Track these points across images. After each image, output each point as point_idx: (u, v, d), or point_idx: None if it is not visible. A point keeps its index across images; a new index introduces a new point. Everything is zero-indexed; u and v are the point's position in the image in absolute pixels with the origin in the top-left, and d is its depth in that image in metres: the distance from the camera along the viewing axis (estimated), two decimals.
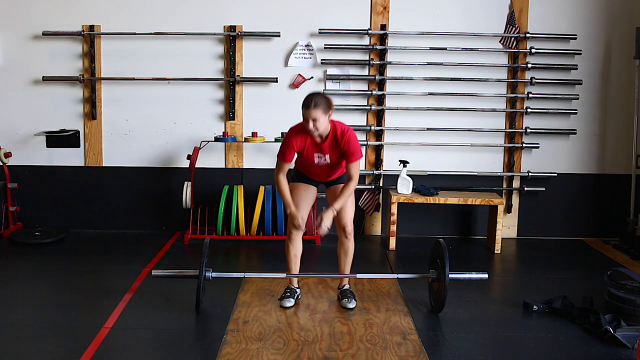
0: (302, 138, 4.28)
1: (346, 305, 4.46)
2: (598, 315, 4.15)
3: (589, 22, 6.29)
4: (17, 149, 6.33)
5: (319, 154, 4.31)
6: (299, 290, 4.61)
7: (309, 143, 4.28)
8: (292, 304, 4.49)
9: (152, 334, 4.06)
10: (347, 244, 4.50)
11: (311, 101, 4.10)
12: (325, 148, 4.28)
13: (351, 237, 4.48)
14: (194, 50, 6.26)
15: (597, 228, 6.52)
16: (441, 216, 6.49)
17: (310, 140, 4.27)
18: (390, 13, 6.23)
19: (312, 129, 4.14)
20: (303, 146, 4.30)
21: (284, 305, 4.46)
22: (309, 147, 4.29)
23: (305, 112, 4.12)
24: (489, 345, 4.04)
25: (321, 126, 4.15)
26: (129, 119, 6.35)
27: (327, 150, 4.29)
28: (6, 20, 6.23)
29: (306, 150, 4.30)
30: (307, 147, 4.29)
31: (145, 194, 6.47)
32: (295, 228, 4.38)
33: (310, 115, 4.10)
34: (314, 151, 4.30)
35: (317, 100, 4.10)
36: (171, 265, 5.34)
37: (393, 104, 6.32)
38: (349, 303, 4.47)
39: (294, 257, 4.50)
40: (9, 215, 6.19)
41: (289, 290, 4.55)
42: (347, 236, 4.46)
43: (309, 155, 4.32)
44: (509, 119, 6.36)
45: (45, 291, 4.84)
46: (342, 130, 4.25)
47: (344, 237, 4.48)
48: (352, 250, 4.53)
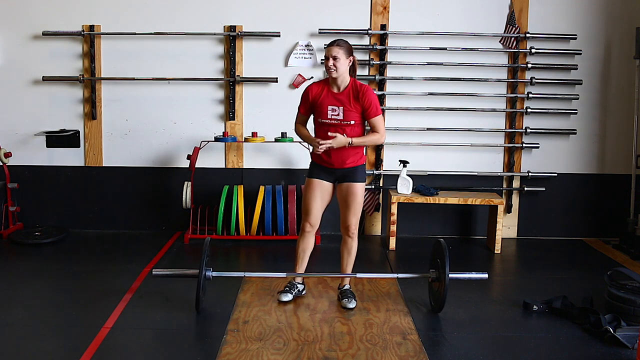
0: (320, 87, 4.32)
1: (346, 305, 4.46)
2: (598, 315, 4.15)
3: (589, 22, 6.29)
4: (17, 149, 6.33)
5: (333, 107, 4.24)
6: (301, 286, 4.63)
7: (325, 92, 4.29)
8: (289, 299, 4.51)
9: (152, 334, 4.07)
10: (350, 243, 4.49)
11: (335, 40, 4.24)
12: (341, 99, 4.24)
13: (354, 237, 4.48)
14: (194, 50, 6.26)
15: (597, 228, 6.52)
16: (441, 216, 6.49)
17: (327, 90, 4.28)
18: (390, 13, 6.23)
19: (332, 67, 4.18)
20: (319, 95, 4.29)
21: (280, 300, 4.49)
22: (325, 96, 4.27)
23: (328, 49, 4.21)
24: (489, 345, 4.04)
25: (340, 67, 4.19)
26: (129, 119, 6.35)
27: (343, 102, 4.23)
28: (6, 20, 6.23)
29: (321, 100, 4.27)
30: (322, 96, 4.28)
31: (145, 194, 6.47)
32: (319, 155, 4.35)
33: (331, 52, 4.17)
34: (329, 103, 4.26)
35: (341, 41, 4.24)
36: (171, 265, 5.34)
37: (393, 104, 6.32)
38: (349, 303, 4.46)
39: (302, 252, 4.52)
40: (9, 215, 6.19)
41: (289, 284, 4.58)
42: (350, 235, 4.46)
43: (323, 107, 4.26)
44: (509, 119, 6.36)
45: (45, 291, 4.84)
46: (361, 84, 4.27)
47: (347, 236, 4.48)
48: (354, 250, 4.53)
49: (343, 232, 4.50)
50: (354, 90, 4.25)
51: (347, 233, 4.47)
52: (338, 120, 4.25)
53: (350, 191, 4.39)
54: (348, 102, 4.24)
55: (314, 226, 4.47)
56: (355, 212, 4.43)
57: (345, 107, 4.24)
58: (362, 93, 4.23)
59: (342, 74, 4.23)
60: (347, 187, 4.40)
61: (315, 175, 4.44)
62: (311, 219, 4.45)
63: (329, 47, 4.22)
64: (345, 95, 4.25)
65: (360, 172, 4.42)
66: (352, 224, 4.43)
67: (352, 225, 4.43)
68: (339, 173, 4.41)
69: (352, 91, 4.25)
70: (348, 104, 4.24)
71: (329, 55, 4.20)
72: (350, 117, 4.24)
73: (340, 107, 4.24)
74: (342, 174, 4.40)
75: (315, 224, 4.47)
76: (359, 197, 4.41)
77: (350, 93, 4.25)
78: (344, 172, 4.39)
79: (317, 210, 4.45)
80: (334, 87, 4.28)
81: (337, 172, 4.41)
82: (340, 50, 4.20)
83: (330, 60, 4.19)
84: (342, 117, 4.25)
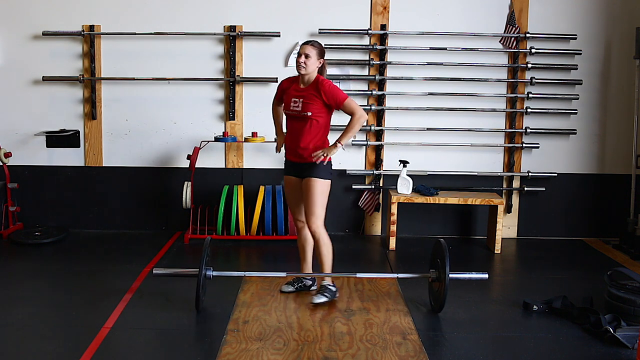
0: (290, 81, 4.56)
1: (313, 299, 4.47)
2: (598, 315, 4.15)
3: (589, 22, 6.29)
4: (17, 149, 6.33)
5: (295, 98, 4.43)
6: (310, 281, 4.72)
7: (293, 87, 4.50)
8: (290, 290, 4.68)
9: (152, 334, 4.07)
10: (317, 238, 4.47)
11: (310, 40, 4.46)
12: (303, 93, 4.42)
13: (317, 232, 4.45)
14: (194, 50, 6.26)
15: (597, 228, 6.52)
16: (441, 216, 6.49)
17: (295, 85, 4.49)
18: (390, 13, 6.23)
19: (302, 64, 4.36)
20: (288, 87, 4.52)
21: (282, 290, 4.67)
22: (292, 90, 4.49)
23: (302, 46, 4.40)
24: (489, 345, 4.04)
25: (310, 66, 4.37)
26: (129, 119, 6.35)
27: (304, 96, 4.41)
28: (6, 20, 6.23)
29: (288, 92, 4.50)
30: (290, 89, 4.50)
31: (145, 194, 6.46)
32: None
33: (304, 50, 4.37)
34: (292, 95, 4.46)
35: (315, 42, 4.44)
36: (171, 265, 5.34)
37: (393, 104, 6.32)
38: (316, 298, 4.48)
39: (302, 248, 4.69)
40: (9, 215, 6.19)
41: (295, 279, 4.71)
42: (313, 231, 4.47)
43: (288, 99, 4.48)
44: (509, 119, 6.36)
45: (45, 291, 4.84)
46: (321, 79, 4.42)
47: (310, 231, 4.51)
48: (325, 246, 4.48)
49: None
50: (314, 85, 4.41)
51: (309, 228, 4.51)
52: (297, 112, 4.43)
53: (307, 186, 4.44)
54: (308, 95, 4.40)
55: (302, 220, 4.58)
56: (311, 208, 4.42)
57: (305, 100, 4.40)
58: (320, 85, 4.39)
59: (310, 72, 4.41)
60: (305, 182, 4.47)
61: (286, 171, 4.62)
62: (296, 215, 4.63)
63: (304, 45, 4.41)
64: (307, 90, 4.43)
65: (321, 167, 4.43)
66: (309, 220, 4.44)
67: (310, 221, 4.44)
68: (302, 167, 4.50)
69: (313, 86, 4.42)
70: (307, 98, 4.40)
71: (302, 52, 4.40)
72: (307, 108, 4.39)
73: (300, 99, 4.42)
74: (303, 168, 4.49)
75: (303, 217, 4.56)
76: (316, 193, 4.41)
77: (311, 88, 4.42)
78: (304, 166, 4.48)
79: (297, 205, 4.58)
80: (301, 83, 4.48)
81: (301, 167, 4.50)
82: (314, 51, 4.39)
83: (302, 57, 4.38)
84: (301, 108, 4.41)
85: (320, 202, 4.43)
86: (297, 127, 4.45)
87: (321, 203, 4.44)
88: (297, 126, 4.45)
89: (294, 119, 4.47)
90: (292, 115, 4.47)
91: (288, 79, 4.62)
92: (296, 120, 4.45)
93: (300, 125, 4.42)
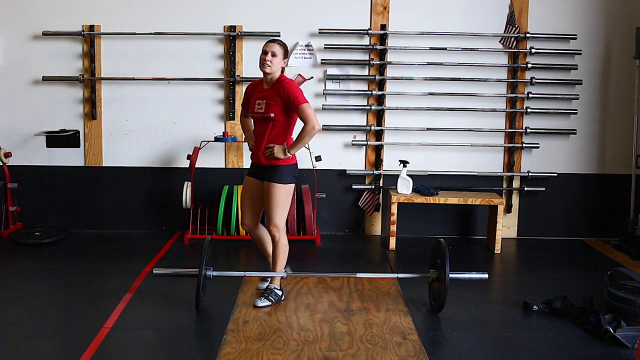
0: (254, 85, 4.55)
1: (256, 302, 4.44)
2: (598, 315, 4.15)
3: (589, 22, 6.29)
4: (17, 149, 6.33)
5: (259, 100, 4.40)
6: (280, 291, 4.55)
7: (257, 89, 4.47)
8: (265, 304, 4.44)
9: (152, 334, 4.07)
10: (274, 240, 4.44)
11: (276, 39, 4.42)
12: (266, 93, 4.39)
13: (276, 237, 4.41)
14: (194, 50, 6.26)
15: (597, 228, 6.52)
16: (441, 216, 6.49)
17: (259, 88, 4.46)
18: (390, 13, 6.23)
19: (267, 61, 4.31)
20: (252, 90, 4.51)
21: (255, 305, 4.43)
22: (256, 93, 4.46)
23: (268, 44, 4.36)
24: (489, 345, 4.04)
25: (274, 65, 4.33)
26: (129, 119, 6.35)
27: (266, 96, 4.37)
28: (6, 20, 6.23)
29: (254, 95, 4.47)
30: (255, 91, 4.48)
31: (145, 194, 6.46)
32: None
33: (269, 48, 4.33)
34: (256, 97, 4.43)
35: (282, 41, 4.41)
36: (171, 265, 5.33)
37: (393, 104, 6.32)
38: (259, 301, 4.44)
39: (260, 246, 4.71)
40: (9, 215, 6.19)
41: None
42: (272, 237, 4.45)
43: (252, 101, 4.46)
44: (509, 119, 6.36)
45: (45, 291, 4.83)
46: (283, 79, 4.39)
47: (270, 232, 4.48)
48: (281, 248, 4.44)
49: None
50: (276, 85, 4.37)
51: (269, 231, 4.47)
52: (260, 114, 4.39)
53: (267, 191, 4.41)
54: (270, 96, 4.36)
55: (248, 225, 4.57)
56: (271, 213, 4.39)
57: (267, 101, 4.36)
58: (281, 85, 4.34)
59: (275, 71, 4.38)
60: (266, 187, 4.43)
61: (249, 172, 4.59)
62: (244, 218, 4.57)
63: (270, 42, 4.37)
64: (270, 90, 4.39)
65: (281, 172, 4.39)
66: (270, 223, 4.40)
67: (271, 225, 4.40)
68: (263, 170, 4.47)
69: (275, 86, 4.38)
70: (270, 98, 4.36)
71: (267, 50, 4.34)
72: (270, 109, 4.35)
73: (263, 100, 4.38)
74: (264, 171, 4.46)
75: (250, 223, 4.55)
76: (276, 198, 4.37)
77: (273, 88, 4.38)
78: (265, 169, 4.45)
79: (250, 207, 4.53)
80: (265, 84, 4.46)
81: (262, 169, 4.47)
82: (280, 50, 4.36)
83: (269, 55, 4.34)
84: (264, 110, 4.37)
85: (280, 206, 4.38)
86: (261, 129, 4.43)
87: (281, 207, 4.39)
88: (261, 128, 4.42)
89: (258, 121, 4.45)
90: (256, 117, 4.44)
91: (252, 82, 4.61)
92: (260, 122, 4.43)
93: (264, 127, 4.39)
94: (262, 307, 4.41)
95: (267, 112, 4.34)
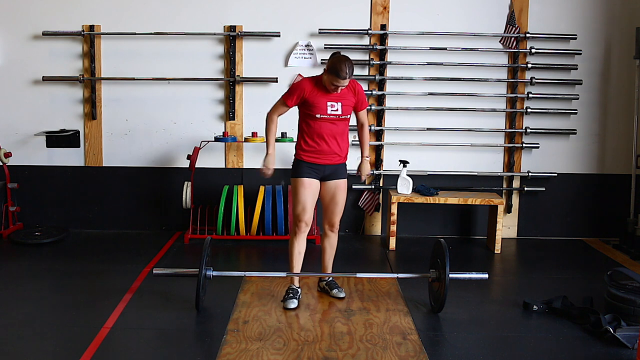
0: (314, 85, 4.35)
1: (337, 295, 4.58)
2: (598, 315, 4.15)
3: (589, 22, 6.29)
4: (17, 149, 6.33)
5: (332, 103, 4.33)
6: (300, 289, 4.61)
7: (322, 91, 4.33)
8: (296, 305, 4.46)
9: (152, 334, 4.06)
10: (334, 239, 4.66)
11: (346, 72, 4.17)
12: (341, 95, 4.33)
13: (337, 232, 4.64)
14: (194, 50, 6.26)
15: (597, 228, 6.52)
16: (441, 216, 6.49)
17: (323, 89, 4.33)
18: (390, 13, 6.24)
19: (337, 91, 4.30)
20: (316, 92, 4.32)
21: (288, 307, 4.42)
22: (321, 94, 4.32)
23: (337, 81, 4.20)
24: (489, 345, 4.03)
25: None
26: (129, 119, 6.36)
27: (342, 98, 4.34)
28: (6, 20, 6.23)
29: (319, 97, 4.31)
30: (319, 93, 4.32)
31: (145, 194, 6.47)
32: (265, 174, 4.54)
33: (340, 84, 4.23)
34: (327, 100, 4.32)
35: (350, 70, 4.19)
36: (171, 265, 5.33)
37: (393, 104, 6.32)
38: (340, 292, 4.59)
39: (298, 254, 4.50)
40: (9, 215, 6.19)
41: (291, 290, 4.53)
42: (334, 231, 4.62)
43: (321, 104, 4.31)
44: (509, 119, 6.36)
45: (45, 291, 4.83)
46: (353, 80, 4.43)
47: (331, 232, 4.62)
48: (336, 244, 4.68)
49: (327, 228, 4.62)
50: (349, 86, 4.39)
51: (331, 229, 4.61)
52: (336, 116, 4.38)
53: (340, 188, 4.52)
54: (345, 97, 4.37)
55: (309, 225, 4.51)
56: (341, 210, 4.59)
57: (344, 101, 4.37)
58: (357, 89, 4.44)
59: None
60: (335, 185, 4.49)
61: (306, 173, 4.46)
62: (308, 218, 4.46)
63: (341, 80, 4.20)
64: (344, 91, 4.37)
65: (345, 169, 4.59)
66: (337, 221, 4.59)
67: (337, 223, 4.59)
68: (327, 170, 4.47)
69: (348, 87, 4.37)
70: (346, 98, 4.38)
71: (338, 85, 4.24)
72: (347, 109, 4.39)
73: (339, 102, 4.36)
74: (330, 171, 4.48)
75: (310, 222, 4.53)
76: (345, 194, 4.57)
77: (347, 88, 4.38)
78: (331, 169, 4.48)
79: (312, 208, 4.49)
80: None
81: (325, 170, 4.47)
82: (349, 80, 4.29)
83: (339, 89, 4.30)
84: (341, 112, 4.38)
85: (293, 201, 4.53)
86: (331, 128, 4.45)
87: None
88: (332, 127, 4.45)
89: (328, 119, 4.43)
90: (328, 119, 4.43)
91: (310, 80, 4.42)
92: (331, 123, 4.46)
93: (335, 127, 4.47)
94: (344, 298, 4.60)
95: (344, 115, 4.38)
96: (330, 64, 4.21)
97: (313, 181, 4.46)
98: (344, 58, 4.21)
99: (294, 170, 4.49)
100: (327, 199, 4.53)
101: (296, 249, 4.49)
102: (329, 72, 4.21)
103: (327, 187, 4.51)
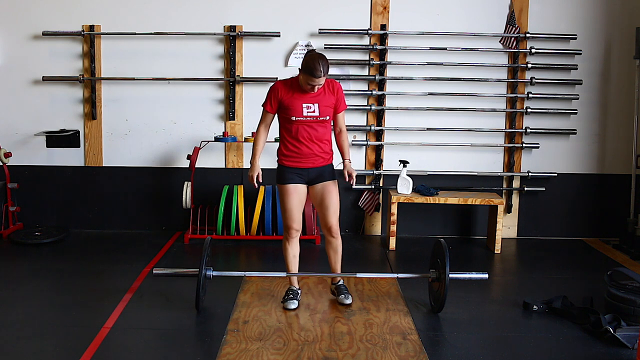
0: (289, 87, 4.29)
1: (344, 301, 4.49)
2: (598, 315, 4.15)
3: (589, 22, 6.29)
4: (17, 149, 6.33)
5: (308, 104, 4.24)
6: (299, 290, 4.61)
7: (297, 92, 4.25)
8: (296, 306, 4.45)
9: (152, 334, 4.07)
10: (335, 242, 4.50)
11: (320, 70, 4.08)
12: (317, 95, 4.24)
13: (338, 236, 4.48)
14: (194, 50, 6.26)
15: (597, 228, 6.52)
16: (441, 216, 6.49)
17: (298, 89, 4.25)
18: (390, 13, 6.24)
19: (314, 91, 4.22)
20: (290, 94, 4.25)
21: (288, 308, 4.42)
22: (297, 96, 4.24)
23: (311, 80, 4.11)
24: (489, 345, 4.03)
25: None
26: (129, 119, 6.36)
27: (319, 98, 4.25)
28: (6, 20, 6.23)
29: (294, 99, 4.23)
30: (294, 95, 4.24)
31: (145, 194, 6.47)
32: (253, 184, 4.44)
33: (316, 83, 4.13)
34: (302, 101, 4.23)
35: (325, 68, 4.10)
36: (171, 265, 5.33)
37: (393, 104, 6.32)
38: (346, 299, 4.50)
39: (293, 257, 4.49)
40: (9, 215, 6.19)
41: (291, 292, 4.53)
42: (334, 235, 4.47)
43: (297, 106, 4.23)
44: (509, 119, 6.36)
45: (45, 291, 4.84)
46: (331, 79, 4.34)
47: (330, 237, 4.48)
48: (340, 248, 4.52)
49: (326, 233, 4.48)
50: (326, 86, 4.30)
51: (330, 234, 4.46)
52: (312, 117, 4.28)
53: (327, 190, 4.39)
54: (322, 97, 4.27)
55: (299, 230, 4.46)
56: (335, 211, 4.42)
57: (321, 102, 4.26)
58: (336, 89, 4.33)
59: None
60: (322, 187, 4.40)
61: (289, 179, 4.38)
62: (297, 224, 4.42)
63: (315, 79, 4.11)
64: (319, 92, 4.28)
65: (332, 170, 4.45)
66: (333, 224, 4.42)
67: (334, 225, 4.43)
68: (312, 174, 4.40)
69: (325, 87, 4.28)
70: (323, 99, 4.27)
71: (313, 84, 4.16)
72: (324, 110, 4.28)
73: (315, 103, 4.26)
74: (315, 174, 4.40)
75: (300, 227, 4.47)
76: (336, 195, 4.42)
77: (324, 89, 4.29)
78: (316, 172, 4.39)
79: (299, 214, 4.43)
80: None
81: (309, 173, 4.39)
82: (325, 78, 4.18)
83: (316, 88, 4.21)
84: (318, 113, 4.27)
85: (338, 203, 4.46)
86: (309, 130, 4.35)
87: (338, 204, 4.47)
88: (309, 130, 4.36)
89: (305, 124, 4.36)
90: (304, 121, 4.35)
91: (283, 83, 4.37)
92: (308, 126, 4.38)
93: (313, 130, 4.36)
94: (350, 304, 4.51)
95: (321, 117, 4.27)
96: (305, 63, 4.11)
97: (298, 186, 4.39)
98: (318, 56, 4.13)
99: (278, 177, 4.43)
100: (317, 202, 4.45)
101: (290, 253, 4.48)
102: (304, 71, 4.13)
103: (314, 190, 4.43)
